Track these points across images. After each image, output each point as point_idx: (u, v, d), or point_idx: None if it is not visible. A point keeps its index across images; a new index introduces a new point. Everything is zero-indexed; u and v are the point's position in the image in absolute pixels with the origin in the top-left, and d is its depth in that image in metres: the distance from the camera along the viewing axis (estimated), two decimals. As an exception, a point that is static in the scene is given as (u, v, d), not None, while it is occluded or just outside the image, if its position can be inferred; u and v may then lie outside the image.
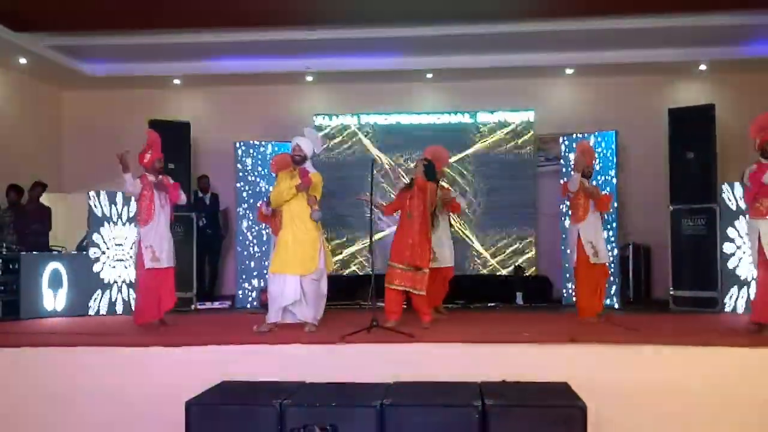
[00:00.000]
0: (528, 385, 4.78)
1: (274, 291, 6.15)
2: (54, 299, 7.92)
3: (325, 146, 6.66)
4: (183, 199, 6.96)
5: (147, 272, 6.57)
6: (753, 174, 5.84)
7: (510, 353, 5.23)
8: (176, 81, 10.28)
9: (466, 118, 10.03)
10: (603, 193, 7.26)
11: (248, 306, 9.09)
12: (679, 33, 8.66)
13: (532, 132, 9.92)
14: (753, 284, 6.87)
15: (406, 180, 6.64)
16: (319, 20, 8.52)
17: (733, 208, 7.87)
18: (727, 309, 7.79)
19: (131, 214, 8.47)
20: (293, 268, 6.08)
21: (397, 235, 6.43)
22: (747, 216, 6.18)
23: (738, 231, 7.80)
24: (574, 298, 8.75)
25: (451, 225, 7.88)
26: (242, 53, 9.44)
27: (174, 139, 8.90)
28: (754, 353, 5.08)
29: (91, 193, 8.31)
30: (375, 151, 9.93)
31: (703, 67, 9.64)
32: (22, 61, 9.22)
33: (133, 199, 7.00)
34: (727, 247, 7.89)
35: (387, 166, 9.95)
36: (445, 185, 7.88)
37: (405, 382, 4.83)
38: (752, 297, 6.82)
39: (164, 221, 6.72)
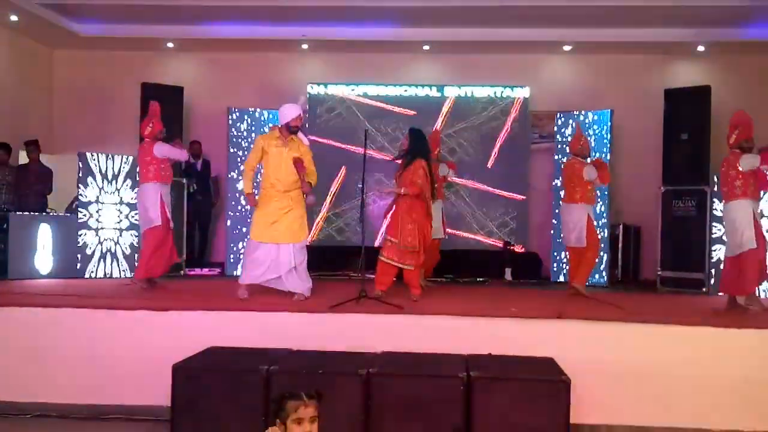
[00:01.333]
0: (513, 358, 4.82)
1: (261, 258, 6.08)
2: (43, 260, 7.89)
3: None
4: (184, 156, 7.33)
5: (163, 228, 6.80)
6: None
7: (497, 327, 5.26)
8: (170, 44, 10.14)
9: (461, 92, 9.97)
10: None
11: (238, 273, 9.07)
12: (678, 13, 8.59)
13: (526, 108, 9.88)
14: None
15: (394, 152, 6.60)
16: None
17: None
18: (714, 291, 7.85)
19: (121, 178, 8.43)
20: (285, 237, 6.06)
21: (393, 211, 6.41)
22: (728, 199, 6.17)
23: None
24: (563, 276, 8.84)
25: (443, 198, 7.86)
26: (238, 19, 9.31)
27: (166, 103, 8.77)
28: (736, 334, 5.13)
29: (81, 154, 8.23)
30: (369, 122, 9.87)
31: (701, 48, 9.59)
32: (14, 18, 9.05)
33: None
34: (716, 230, 7.92)
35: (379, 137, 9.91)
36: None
37: (392, 352, 4.87)
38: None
39: (166, 185, 7.01)
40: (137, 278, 6.96)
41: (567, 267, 7.88)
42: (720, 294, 7.65)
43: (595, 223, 7.11)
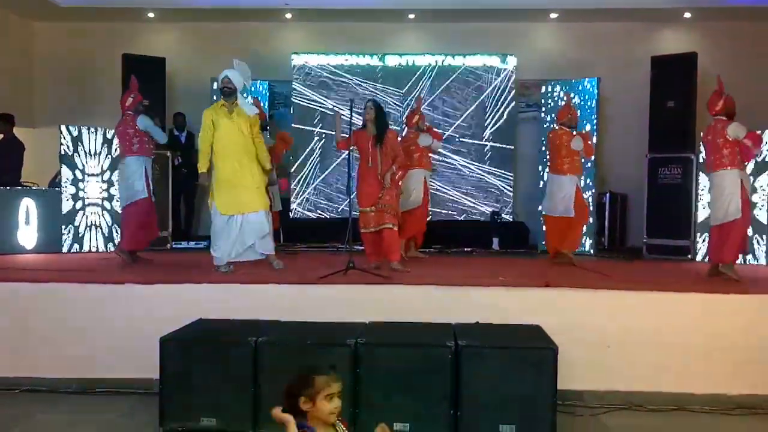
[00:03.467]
0: (501, 327, 4.84)
1: (227, 233, 5.99)
2: (26, 236, 7.82)
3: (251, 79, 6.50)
4: (163, 138, 7.17)
5: (148, 201, 6.80)
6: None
7: (485, 296, 5.28)
8: (151, 14, 9.95)
9: (447, 60, 9.89)
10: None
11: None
12: (665, -21, 8.55)
13: (513, 76, 9.83)
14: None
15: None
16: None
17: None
18: (699, 257, 7.91)
19: (103, 152, 8.34)
20: (250, 206, 5.98)
21: (360, 182, 6.38)
22: (715, 168, 6.16)
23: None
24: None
25: (429, 168, 7.81)
26: (220, -13, 9.16)
27: (149, 74, 8.71)
28: (721, 299, 5.18)
29: (63, 128, 8.11)
30: (353, 91, 9.78)
31: (687, 14, 9.54)
32: (-10, -11, 8.87)
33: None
34: (702, 196, 7.96)
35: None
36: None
37: (380, 322, 4.87)
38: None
39: (148, 158, 6.94)
40: (123, 248, 6.86)
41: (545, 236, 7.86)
42: (706, 260, 7.75)
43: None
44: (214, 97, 9.11)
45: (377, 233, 6.29)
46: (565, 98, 7.77)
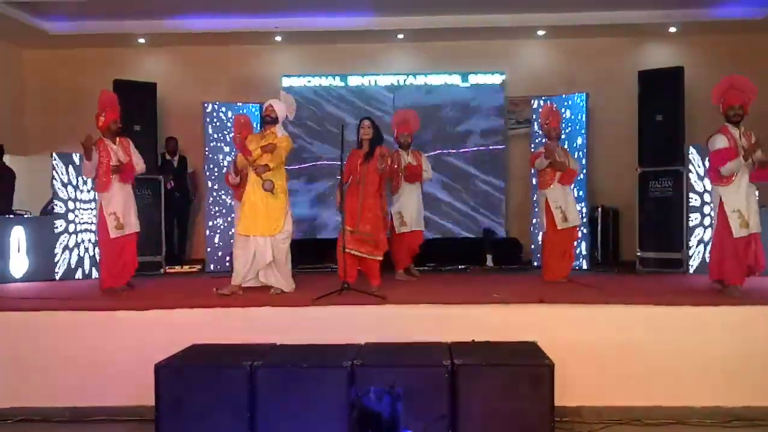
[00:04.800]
0: (497, 344, 4.84)
1: (243, 253, 6.09)
2: (18, 264, 7.77)
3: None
4: (140, 169, 6.64)
5: (112, 240, 6.36)
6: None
7: (480, 314, 5.28)
8: (141, 40, 10.00)
9: (436, 79, 9.96)
10: (571, 166, 7.18)
11: (218, 269, 9.01)
12: (649, -6, 8.65)
13: (503, 94, 9.89)
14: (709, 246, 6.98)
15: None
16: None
17: (700, 170, 7.95)
18: (692, 270, 7.93)
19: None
20: (262, 230, 6.03)
21: (348, 200, 6.31)
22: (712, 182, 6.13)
23: (703, 193, 7.88)
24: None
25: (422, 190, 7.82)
26: (209, 11, 9.20)
27: (140, 99, 8.75)
28: (714, 311, 5.20)
29: (55, 156, 8.10)
30: (345, 112, 9.82)
31: (673, 29, 9.65)
32: (-21, 18, 8.88)
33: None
34: (693, 209, 8.00)
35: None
36: (417, 151, 7.78)
37: (375, 343, 4.87)
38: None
39: (126, 187, 6.47)
40: (100, 288, 6.47)
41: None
42: (693, 273, 7.76)
43: (553, 207, 6.94)
44: (207, 120, 9.16)
45: (355, 255, 6.24)
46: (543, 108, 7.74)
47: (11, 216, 8.05)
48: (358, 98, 9.94)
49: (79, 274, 8.18)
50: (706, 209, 7.79)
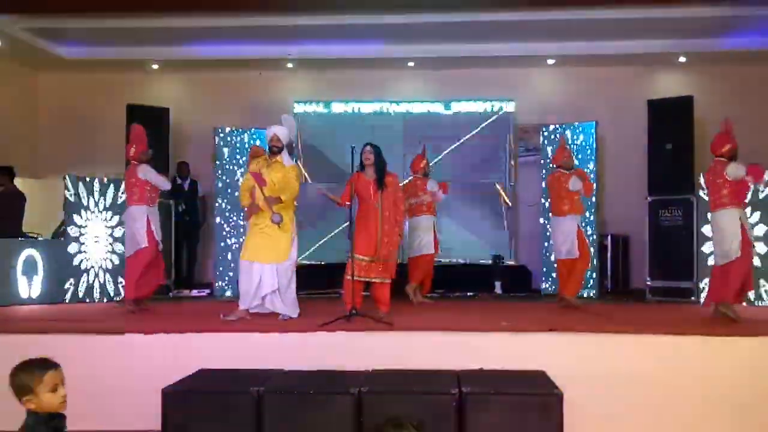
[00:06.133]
0: (505, 373, 4.80)
1: (248, 279, 6.07)
2: (29, 286, 7.80)
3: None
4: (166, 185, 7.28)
5: (151, 250, 6.79)
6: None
7: (488, 341, 5.24)
8: (154, 65, 10.15)
9: (447, 106, 10.02)
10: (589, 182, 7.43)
11: (227, 293, 9.02)
12: (659, 24, 8.69)
13: (512, 122, 9.93)
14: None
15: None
16: (301, 6, 8.43)
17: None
18: (703, 299, 7.86)
19: (108, 201, 8.41)
20: (267, 257, 6.03)
21: (360, 228, 6.26)
22: (716, 207, 6.19)
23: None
24: (551, 288, 8.84)
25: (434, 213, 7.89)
26: (222, 38, 9.33)
27: (153, 124, 8.80)
28: (725, 342, 5.15)
29: (67, 178, 8.18)
30: (355, 138, 9.84)
31: (682, 59, 9.70)
32: (-2, 43, 9.04)
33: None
34: (704, 238, 7.96)
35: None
36: (424, 177, 7.88)
37: (383, 370, 4.83)
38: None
39: (155, 205, 7.06)
40: (127, 298, 6.90)
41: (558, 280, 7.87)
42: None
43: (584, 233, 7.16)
44: (220, 142, 9.21)
45: (365, 282, 6.26)
46: (559, 140, 7.88)
47: (22, 239, 8.10)
48: (369, 124, 9.98)
49: (90, 297, 8.20)
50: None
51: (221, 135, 9.25)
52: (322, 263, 9.72)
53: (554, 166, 7.47)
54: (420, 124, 9.94)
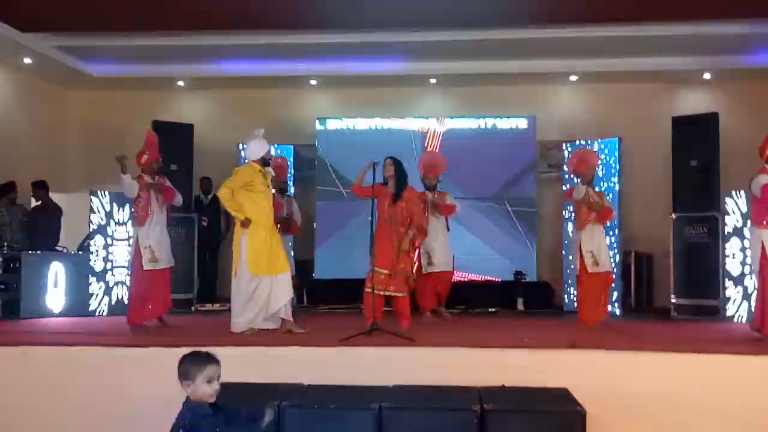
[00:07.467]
0: (527, 390, 4.76)
1: (260, 294, 6.04)
2: (55, 299, 7.91)
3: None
4: (178, 199, 7.00)
5: (145, 273, 6.58)
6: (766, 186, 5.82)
7: (510, 358, 5.20)
8: (180, 83, 10.30)
9: (469, 123, 10.03)
10: (606, 205, 7.21)
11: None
12: (683, 41, 8.65)
13: (534, 138, 9.90)
14: (754, 293, 6.83)
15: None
16: (324, 24, 8.53)
17: (736, 216, 7.85)
18: (728, 317, 7.76)
19: (130, 215, 8.50)
20: (282, 268, 6.07)
21: (377, 242, 6.28)
22: (749, 224, 6.13)
23: (740, 239, 7.77)
24: (576, 305, 8.75)
25: (448, 229, 7.85)
26: (246, 56, 9.46)
27: (177, 140, 8.94)
28: (753, 361, 5.06)
29: (93, 193, 8.29)
30: (377, 155, 9.88)
31: (707, 75, 9.63)
32: (28, 60, 9.24)
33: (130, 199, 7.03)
34: (729, 256, 7.86)
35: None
36: (442, 191, 7.85)
37: (404, 386, 4.82)
38: (753, 305, 6.80)
39: (162, 222, 6.78)
40: (128, 324, 6.64)
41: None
42: (737, 322, 7.58)
43: (584, 250, 6.96)
44: (246, 160, 9.27)
45: (382, 296, 6.28)
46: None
47: (50, 252, 8.21)
48: (391, 141, 9.99)
49: (113, 311, 8.27)
50: (739, 256, 7.66)
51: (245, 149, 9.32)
52: (343, 278, 9.72)
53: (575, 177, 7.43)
54: (442, 140, 9.92)
